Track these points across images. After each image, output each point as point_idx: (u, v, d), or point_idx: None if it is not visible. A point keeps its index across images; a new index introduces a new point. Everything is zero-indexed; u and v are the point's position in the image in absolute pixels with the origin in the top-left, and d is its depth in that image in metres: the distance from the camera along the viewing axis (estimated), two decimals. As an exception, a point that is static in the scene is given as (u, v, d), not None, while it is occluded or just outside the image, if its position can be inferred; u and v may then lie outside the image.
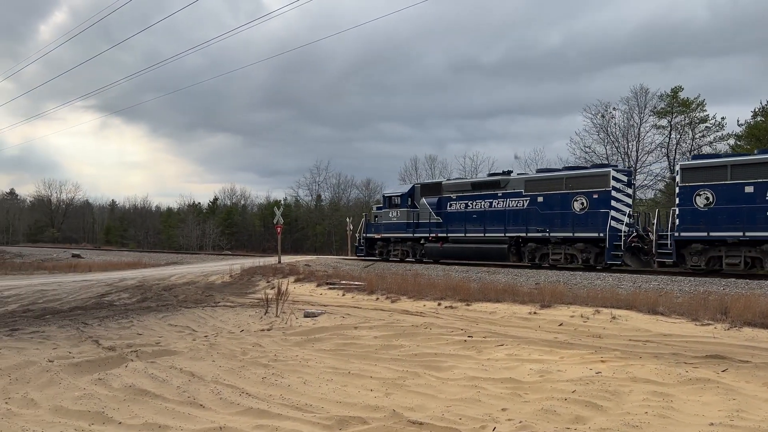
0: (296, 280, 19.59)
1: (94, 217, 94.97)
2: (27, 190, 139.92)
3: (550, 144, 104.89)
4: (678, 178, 19.12)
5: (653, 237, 19.42)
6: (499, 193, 23.83)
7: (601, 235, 20.10)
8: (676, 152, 40.43)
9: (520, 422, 5.31)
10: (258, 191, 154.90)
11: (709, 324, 10.49)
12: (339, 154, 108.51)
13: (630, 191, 21.60)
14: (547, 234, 21.72)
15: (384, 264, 25.49)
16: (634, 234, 20.26)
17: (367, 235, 29.18)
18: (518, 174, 25.08)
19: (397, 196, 28.13)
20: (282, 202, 63.64)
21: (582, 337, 10.01)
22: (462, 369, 7.53)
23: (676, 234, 18.45)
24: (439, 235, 25.39)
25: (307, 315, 12.52)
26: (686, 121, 40.70)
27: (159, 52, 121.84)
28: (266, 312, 12.92)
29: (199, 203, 78.85)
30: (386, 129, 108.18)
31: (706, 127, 40.12)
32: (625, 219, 20.29)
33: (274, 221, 28.92)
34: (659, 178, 41.29)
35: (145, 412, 5.83)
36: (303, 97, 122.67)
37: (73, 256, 45.02)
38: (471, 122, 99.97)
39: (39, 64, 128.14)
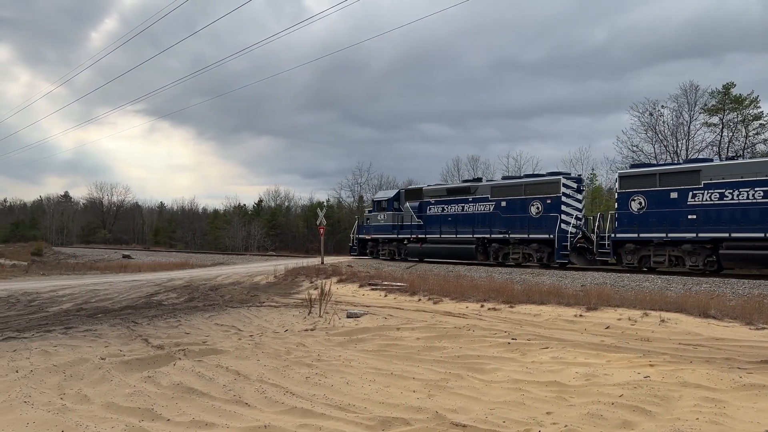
0: (339, 281, 19.73)
1: (144, 219, 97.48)
2: (80, 193, 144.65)
3: (595, 143, 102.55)
4: (616, 186, 21.16)
5: (594, 238, 21.61)
6: (470, 198, 26.30)
7: (552, 236, 22.27)
8: (728, 151, 39.11)
9: (566, 426, 5.22)
10: (301, 193, 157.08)
11: (764, 328, 10.12)
12: (380, 155, 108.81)
13: (580, 197, 23.64)
14: (508, 235, 24.15)
15: (426, 265, 25.53)
16: (580, 235, 22.46)
17: (359, 236, 32.14)
18: (487, 181, 28.16)
19: (385, 200, 30.89)
20: (325, 203, 64.19)
21: (629, 340, 9.78)
22: (506, 371, 7.46)
23: (613, 235, 20.74)
24: (419, 236, 27.89)
25: (349, 315, 12.59)
26: (739, 119, 39.28)
27: (204, 57, 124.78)
28: (310, 312, 13.05)
29: (245, 205, 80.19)
30: (427, 129, 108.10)
31: (761, 124, 38.66)
32: (572, 221, 22.55)
33: (318, 222, 29.20)
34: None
35: (192, 409, 5.96)
36: (345, 98, 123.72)
37: (124, 256, 46.34)
38: (513, 122, 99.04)
39: (90, 70, 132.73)
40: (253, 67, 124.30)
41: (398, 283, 18.14)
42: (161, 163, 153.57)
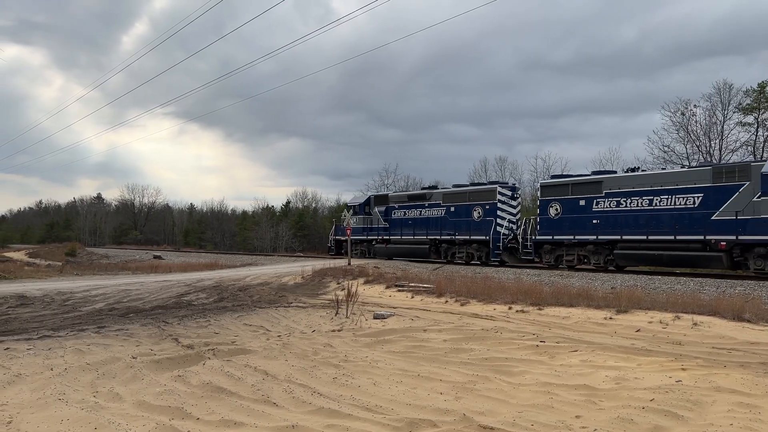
0: (366, 282, 19.76)
1: (174, 220, 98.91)
2: (112, 195, 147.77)
3: (625, 143, 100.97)
4: (539, 194, 24.76)
5: (521, 239, 25.17)
6: (426, 204, 30.00)
7: (487, 238, 25.85)
8: (763, 150, 38.17)
9: (595, 430, 5.16)
10: (328, 194, 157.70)
11: (801, 332, 9.86)
12: (407, 155, 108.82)
13: (514, 203, 27.12)
14: (455, 237, 27.61)
15: (452, 267, 25.56)
16: (511, 237, 25.98)
17: (336, 237, 35.72)
18: (441, 188, 31.39)
19: (357, 205, 34.28)
20: (348, 205, 64.25)
21: (661, 343, 9.61)
22: (534, 374, 7.39)
23: (534, 237, 24.31)
24: (385, 237, 31.77)
25: (376, 316, 12.61)
26: (775, 118, 38.31)
27: (233, 59, 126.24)
28: (337, 313, 13.10)
29: (273, 206, 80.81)
30: (453, 130, 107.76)
31: (798, 123, 37.64)
32: (505, 224, 26.21)
33: (344, 224, 29.33)
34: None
35: (221, 408, 6.03)
36: (371, 99, 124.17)
37: (155, 257, 47.04)
38: (541, 122, 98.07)
39: (122, 73, 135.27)
40: (281, 69, 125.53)
41: (425, 285, 18.10)
42: (190, 165, 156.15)
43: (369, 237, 32.99)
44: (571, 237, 22.60)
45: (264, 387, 6.83)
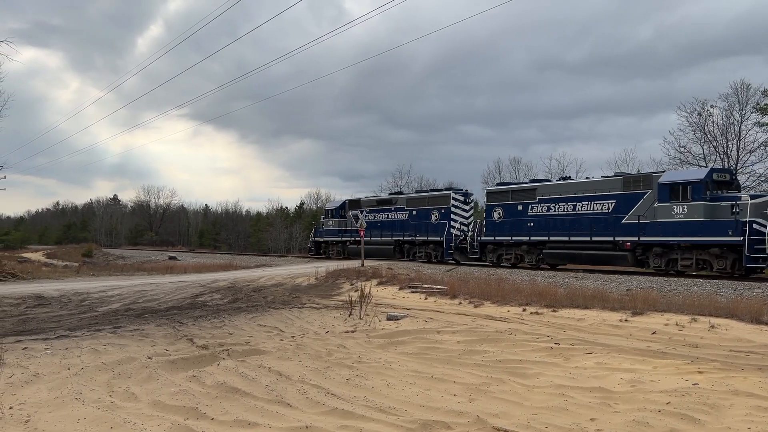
0: (379, 283, 19.75)
1: (189, 221, 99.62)
2: (128, 196, 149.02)
3: (641, 144, 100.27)
4: (485, 199, 28.62)
5: (469, 240, 28.14)
6: (392, 208, 33.15)
7: (442, 239, 28.91)
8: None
9: (610, 433, 5.12)
10: (342, 195, 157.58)
11: (821, 335, 9.71)
12: (420, 157, 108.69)
13: (467, 207, 29.89)
14: (415, 238, 30.75)
15: (466, 268, 25.53)
16: (462, 238, 28.64)
17: (315, 239, 39.07)
18: (405, 194, 34.79)
19: (333, 209, 37.58)
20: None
21: (677, 346, 9.52)
22: (548, 376, 7.35)
23: (480, 238, 27.27)
24: (357, 238, 33.12)
25: (390, 318, 12.60)
26: (794, 118, 37.77)
27: (246, 61, 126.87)
28: (350, 314, 13.11)
29: (286, 207, 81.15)
30: (467, 131, 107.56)
31: (817, 123, 37.09)
32: (458, 226, 29.01)
33: (357, 225, 29.44)
34: (763, 179, 38.48)
35: (235, 409, 6.06)
36: (384, 100, 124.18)
37: (170, 258, 47.40)
38: (555, 122, 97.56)
39: (137, 76, 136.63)
40: (295, 70, 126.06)
41: (438, 286, 18.06)
42: (205, 167, 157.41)
43: (344, 238, 35.87)
44: (510, 238, 25.50)
45: (278, 387, 6.86)
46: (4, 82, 65.78)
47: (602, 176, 24.12)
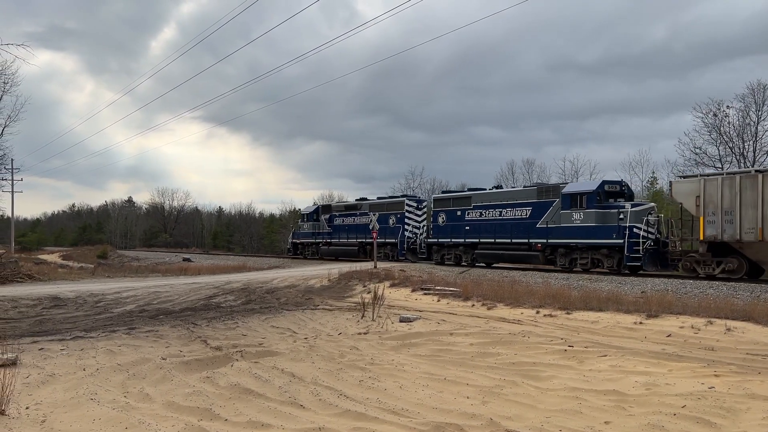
0: (392, 285, 19.76)
1: (203, 223, 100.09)
2: (142, 198, 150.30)
3: (655, 145, 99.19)
4: (432, 206, 31.62)
5: (419, 242, 32.05)
6: (357, 213, 36.53)
7: (396, 240, 32.51)
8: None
9: (625, 437, 5.08)
10: (354, 197, 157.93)
11: (840, 339, 9.57)
12: (433, 158, 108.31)
13: (419, 212, 33.24)
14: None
15: (479, 270, 25.51)
16: (413, 240, 32.40)
17: (293, 240, 43.00)
18: (368, 200, 37.38)
19: (308, 213, 41.13)
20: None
21: (693, 349, 9.43)
22: (562, 379, 7.31)
23: (426, 239, 31.28)
24: (328, 240, 38.42)
25: (402, 320, 12.60)
26: (811, 119, 37.28)
27: (260, 63, 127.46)
28: (363, 316, 13.12)
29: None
30: (479, 132, 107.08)
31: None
32: (410, 229, 32.68)
33: (370, 227, 29.52)
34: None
35: (249, 410, 6.08)
36: (396, 102, 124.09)
37: (184, 260, 47.71)
38: (569, 123, 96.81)
39: (151, 78, 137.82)
40: (307, 72, 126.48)
41: (451, 288, 18.02)
42: (219, 169, 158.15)
43: (317, 240, 39.65)
44: (450, 240, 28.83)
45: (291, 389, 6.88)
46: (20, 86, 66.58)
47: (523, 186, 28.66)
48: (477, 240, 27.26)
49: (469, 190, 31.68)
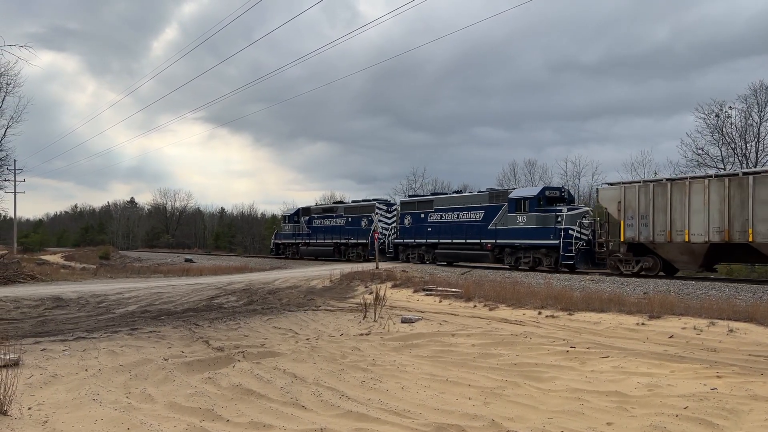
0: (393, 286, 19.75)
1: (205, 224, 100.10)
2: (145, 199, 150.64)
3: (657, 145, 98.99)
4: (399, 208, 34.12)
5: (387, 242, 33.81)
6: (334, 215, 38.48)
7: (367, 241, 33.90)
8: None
9: (627, 438, 5.07)
10: (356, 198, 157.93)
11: (843, 340, 9.55)
12: (435, 159, 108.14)
13: (389, 215, 34.83)
14: (349, 241, 36.22)
15: (481, 271, 25.51)
16: (383, 240, 33.41)
17: (275, 241, 45.12)
18: (344, 203, 39.71)
19: (289, 215, 43.53)
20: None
21: (695, 350, 9.41)
22: (564, 380, 7.30)
23: (394, 240, 33.51)
24: (307, 241, 40.53)
25: (404, 321, 12.59)
26: (814, 120, 37.22)
27: (261, 64, 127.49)
28: (365, 317, 13.12)
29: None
30: (481, 133, 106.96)
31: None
32: (380, 230, 33.18)
33: (372, 228, 29.68)
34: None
35: (251, 410, 6.09)
36: (398, 103, 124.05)
37: (186, 260, 47.68)
38: (571, 124, 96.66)
39: (153, 79, 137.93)
40: (309, 73, 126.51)
41: (453, 289, 18.01)
42: (220, 169, 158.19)
43: (296, 241, 41.77)
44: (413, 240, 31.12)
45: (293, 390, 6.88)
46: (23, 87, 66.69)
47: (478, 191, 30.06)
48: (437, 240, 29.41)
49: (432, 194, 34.08)
